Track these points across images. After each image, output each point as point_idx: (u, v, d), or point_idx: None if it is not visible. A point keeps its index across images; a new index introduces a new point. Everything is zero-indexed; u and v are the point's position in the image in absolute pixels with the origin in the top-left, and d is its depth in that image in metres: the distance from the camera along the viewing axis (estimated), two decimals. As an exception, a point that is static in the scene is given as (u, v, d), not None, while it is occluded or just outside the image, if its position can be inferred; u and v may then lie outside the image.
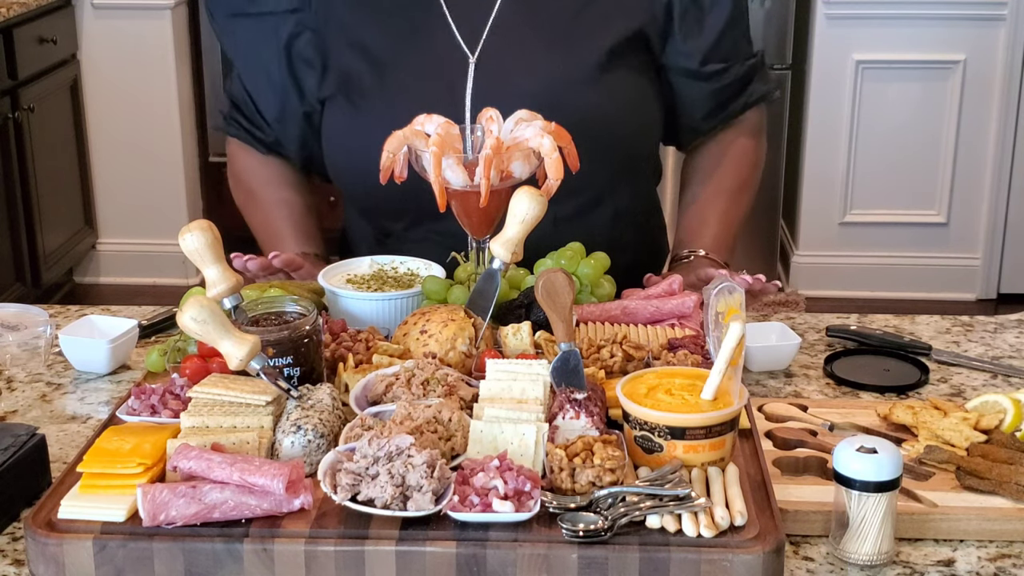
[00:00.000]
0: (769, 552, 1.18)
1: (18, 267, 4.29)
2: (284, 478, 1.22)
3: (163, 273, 4.88)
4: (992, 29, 4.48)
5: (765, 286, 1.73)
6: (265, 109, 2.00)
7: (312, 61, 1.92)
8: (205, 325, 1.34)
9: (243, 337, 1.35)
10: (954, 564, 1.27)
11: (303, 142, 1.99)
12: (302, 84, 1.94)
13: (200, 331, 1.34)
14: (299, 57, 1.92)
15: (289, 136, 2.00)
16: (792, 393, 1.65)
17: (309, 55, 1.91)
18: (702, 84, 1.94)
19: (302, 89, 1.94)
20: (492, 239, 1.54)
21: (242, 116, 2.04)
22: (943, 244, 4.72)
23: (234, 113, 2.05)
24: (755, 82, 1.99)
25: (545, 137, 1.60)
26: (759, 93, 2.00)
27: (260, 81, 1.98)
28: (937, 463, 1.39)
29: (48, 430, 1.52)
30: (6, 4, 4.13)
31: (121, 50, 4.73)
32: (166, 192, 4.87)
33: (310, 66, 1.92)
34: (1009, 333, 1.86)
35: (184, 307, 1.35)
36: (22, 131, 4.23)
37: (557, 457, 1.25)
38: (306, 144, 1.99)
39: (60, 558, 1.20)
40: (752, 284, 1.71)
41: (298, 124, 1.97)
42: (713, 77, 1.94)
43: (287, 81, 1.94)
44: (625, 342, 1.53)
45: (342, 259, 1.80)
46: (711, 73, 1.93)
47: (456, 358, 1.48)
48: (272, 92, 1.97)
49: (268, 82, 1.96)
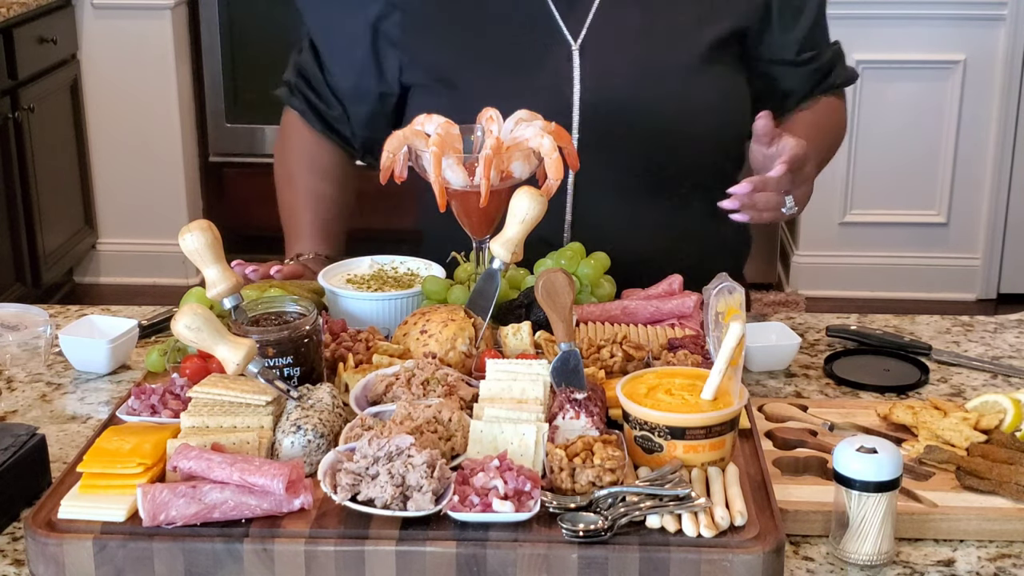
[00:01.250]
0: (769, 552, 1.18)
1: (18, 267, 4.29)
2: (284, 478, 1.22)
3: (163, 273, 4.88)
4: (992, 29, 4.47)
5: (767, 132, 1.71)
6: (338, 84, 1.98)
7: (398, 43, 1.91)
8: (199, 332, 1.34)
9: (238, 342, 1.35)
10: (954, 564, 1.27)
11: (371, 122, 1.98)
12: (384, 64, 1.93)
13: (195, 338, 1.34)
14: (385, 37, 1.91)
15: (358, 114, 1.98)
16: (792, 393, 1.65)
17: (396, 36, 1.90)
18: (798, 70, 1.97)
19: (383, 69, 1.93)
20: (492, 239, 1.54)
21: (309, 89, 2.01)
22: (943, 244, 4.72)
23: (300, 85, 2.02)
24: (838, 67, 2.04)
25: (545, 137, 1.60)
26: (843, 77, 2.05)
27: (340, 56, 1.96)
28: (937, 463, 1.39)
29: (48, 430, 1.52)
30: (6, 4, 4.13)
31: (121, 50, 4.73)
32: (166, 192, 4.87)
33: (395, 47, 1.91)
34: (1009, 333, 1.86)
35: (177, 316, 1.34)
36: (22, 131, 4.23)
37: (557, 457, 1.25)
38: (374, 124, 1.98)
39: (60, 558, 1.20)
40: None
41: (371, 103, 1.96)
42: (808, 63, 1.98)
43: (369, 59, 1.93)
44: (625, 342, 1.53)
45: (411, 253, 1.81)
46: (806, 60, 1.97)
47: (456, 358, 1.48)
48: (351, 68, 1.95)
49: (349, 58, 1.95)
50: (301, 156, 2.05)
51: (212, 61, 4.83)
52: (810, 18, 1.96)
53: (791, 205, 1.70)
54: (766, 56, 1.95)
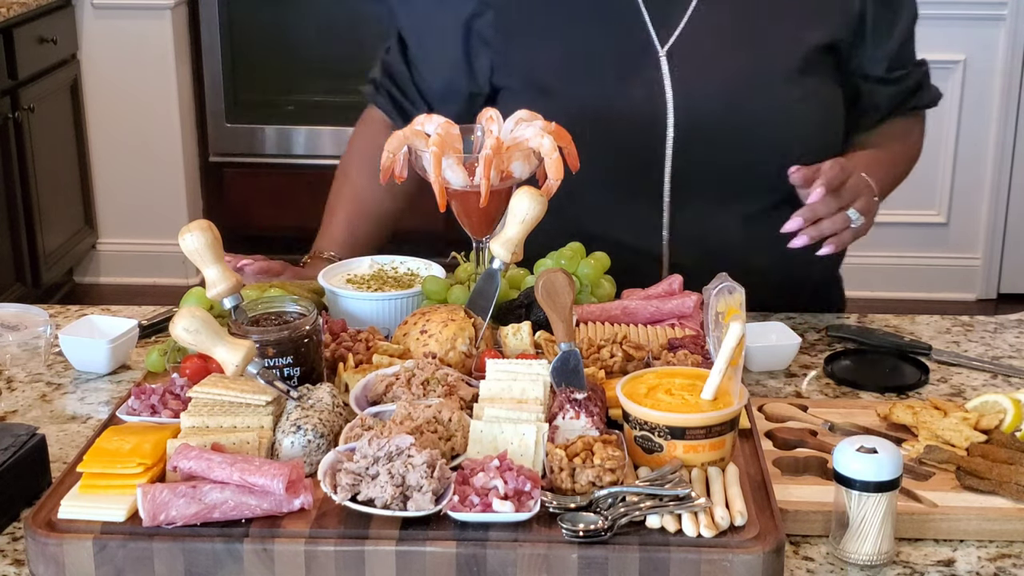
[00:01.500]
0: (769, 552, 1.18)
1: (18, 267, 4.29)
2: (284, 478, 1.22)
3: (163, 273, 4.88)
4: (992, 29, 4.47)
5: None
6: (427, 83, 1.98)
7: (490, 42, 1.91)
8: (198, 335, 1.34)
9: (237, 343, 1.35)
10: (954, 564, 1.27)
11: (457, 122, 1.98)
12: (475, 63, 1.93)
13: (193, 341, 1.34)
14: (478, 36, 1.91)
15: (447, 114, 1.98)
16: (792, 393, 1.65)
17: (488, 35, 1.91)
18: (885, 88, 1.96)
19: (474, 69, 1.93)
20: (492, 239, 1.54)
21: (395, 87, 2.01)
22: (943, 244, 4.72)
23: (386, 83, 2.03)
24: (923, 89, 2.02)
25: (545, 137, 1.60)
26: (926, 99, 2.03)
27: (432, 53, 1.96)
28: (937, 463, 1.39)
29: (48, 430, 1.52)
30: (6, 4, 4.13)
31: (121, 50, 4.73)
32: (166, 192, 4.87)
33: (487, 47, 1.91)
34: (1009, 333, 1.86)
35: (175, 319, 1.34)
36: (22, 131, 4.23)
37: (557, 457, 1.25)
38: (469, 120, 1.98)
39: (60, 558, 1.20)
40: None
41: (460, 103, 1.95)
42: (896, 82, 1.96)
43: (461, 58, 1.93)
44: (625, 342, 1.53)
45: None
46: (895, 79, 1.96)
47: (456, 358, 1.48)
48: (442, 66, 1.95)
49: (440, 56, 1.95)
50: (364, 154, 2.03)
51: (212, 61, 4.83)
52: (901, 36, 1.94)
53: (857, 217, 1.70)
54: (856, 71, 1.93)
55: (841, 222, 1.70)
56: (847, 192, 1.72)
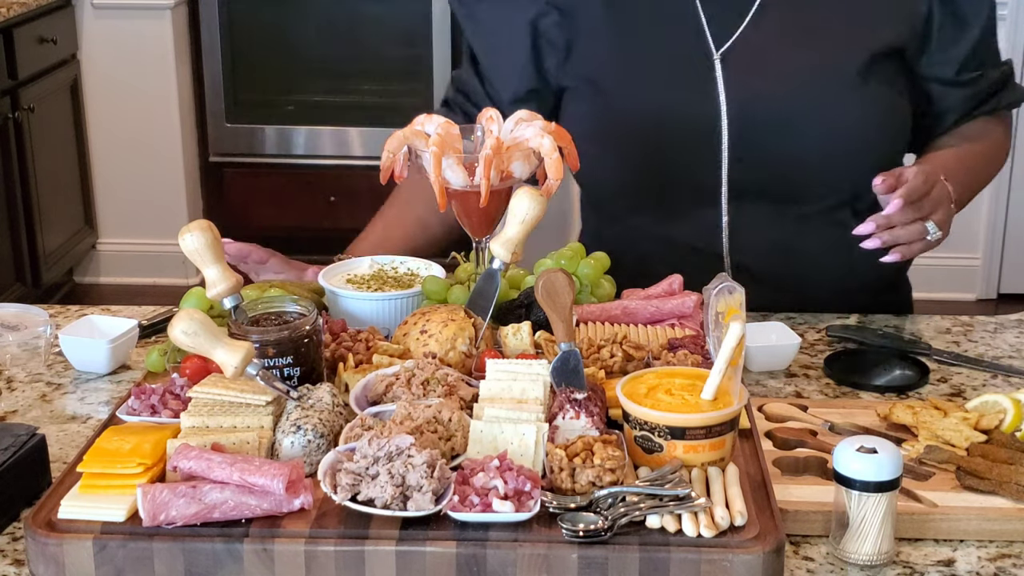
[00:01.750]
0: (769, 552, 1.18)
1: (18, 267, 4.29)
2: (284, 478, 1.22)
3: (163, 273, 4.88)
4: (992, 29, 4.47)
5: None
6: (499, 92, 1.99)
7: (556, 43, 1.92)
8: (196, 337, 1.34)
9: (236, 344, 1.35)
10: (954, 564, 1.27)
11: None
12: (542, 63, 1.94)
13: (192, 344, 1.34)
14: (544, 36, 1.93)
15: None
16: (792, 393, 1.65)
17: (554, 36, 1.92)
18: (957, 91, 1.94)
19: (542, 69, 1.94)
20: (492, 239, 1.54)
21: (468, 102, 2.02)
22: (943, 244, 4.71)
23: (459, 99, 2.04)
24: (1006, 89, 1.99)
25: (545, 137, 1.60)
26: (1008, 100, 2.00)
27: (501, 62, 1.98)
28: (937, 463, 1.39)
29: (48, 430, 1.52)
30: (6, 4, 4.13)
31: (121, 50, 4.73)
32: (166, 192, 4.87)
33: (553, 47, 1.93)
34: (1009, 333, 1.86)
35: (173, 322, 1.34)
36: (22, 131, 4.23)
37: (557, 457, 1.25)
38: None
39: (60, 558, 1.20)
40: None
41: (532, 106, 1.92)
42: (968, 84, 1.94)
43: (529, 60, 1.94)
44: (625, 342, 1.53)
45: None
46: (967, 81, 1.93)
47: (456, 358, 1.48)
48: (512, 71, 1.96)
49: (510, 61, 1.96)
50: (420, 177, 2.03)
51: (212, 61, 4.83)
52: (974, 37, 1.91)
53: (934, 231, 1.70)
54: (926, 74, 1.92)
55: (917, 233, 1.69)
56: (928, 203, 1.70)
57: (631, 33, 1.89)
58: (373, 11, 4.76)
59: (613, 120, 1.81)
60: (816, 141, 1.84)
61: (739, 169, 1.86)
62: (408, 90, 4.77)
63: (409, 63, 4.78)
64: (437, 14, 4.71)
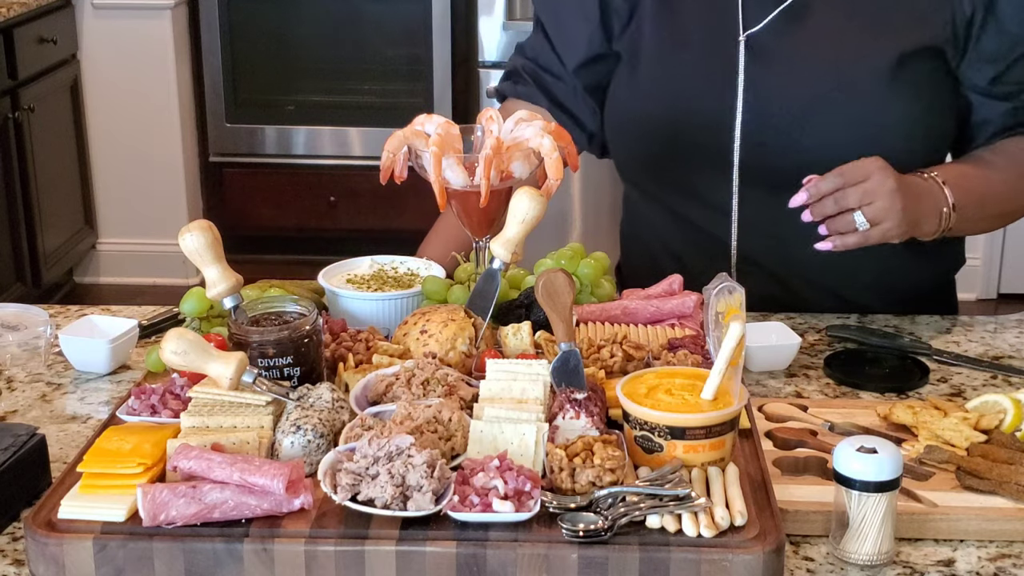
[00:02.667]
0: (769, 552, 1.18)
1: (18, 267, 4.29)
2: (284, 478, 1.22)
3: (163, 273, 4.89)
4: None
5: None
6: (570, 57, 1.99)
7: (620, 10, 1.94)
8: (187, 356, 1.34)
9: (228, 356, 1.34)
10: (954, 564, 1.27)
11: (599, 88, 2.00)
12: (611, 25, 1.95)
13: (183, 362, 1.34)
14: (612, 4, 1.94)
15: (590, 85, 2.00)
16: (792, 393, 1.65)
17: (619, 3, 1.94)
18: (995, 103, 1.89)
19: (610, 30, 1.96)
20: (492, 239, 1.54)
21: (538, 67, 2.03)
22: (943, 244, 4.71)
23: (529, 66, 2.04)
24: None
25: (545, 137, 1.60)
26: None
27: (570, 25, 1.99)
28: (937, 463, 1.39)
29: (48, 430, 1.52)
30: (6, 4, 4.13)
31: (121, 50, 4.73)
32: (166, 192, 4.87)
33: (618, 14, 1.95)
34: (1009, 333, 1.86)
35: (162, 343, 1.34)
36: (22, 131, 4.23)
37: (557, 457, 1.25)
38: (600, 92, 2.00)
39: (60, 558, 1.20)
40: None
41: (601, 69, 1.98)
42: (1008, 98, 1.89)
43: (598, 21, 1.95)
44: (625, 342, 1.53)
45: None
46: (1006, 93, 1.88)
47: (456, 358, 1.48)
48: (581, 36, 1.97)
49: (578, 25, 1.97)
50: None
51: (212, 61, 4.83)
52: (1017, 50, 1.84)
53: (861, 221, 1.68)
54: (963, 79, 1.88)
55: (845, 224, 1.68)
56: (854, 194, 1.67)
57: (674, 8, 1.91)
58: (373, 11, 4.76)
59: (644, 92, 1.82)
60: (829, 138, 1.83)
61: (751, 156, 1.85)
62: (408, 90, 4.78)
63: (409, 63, 4.79)
64: (437, 14, 4.71)
